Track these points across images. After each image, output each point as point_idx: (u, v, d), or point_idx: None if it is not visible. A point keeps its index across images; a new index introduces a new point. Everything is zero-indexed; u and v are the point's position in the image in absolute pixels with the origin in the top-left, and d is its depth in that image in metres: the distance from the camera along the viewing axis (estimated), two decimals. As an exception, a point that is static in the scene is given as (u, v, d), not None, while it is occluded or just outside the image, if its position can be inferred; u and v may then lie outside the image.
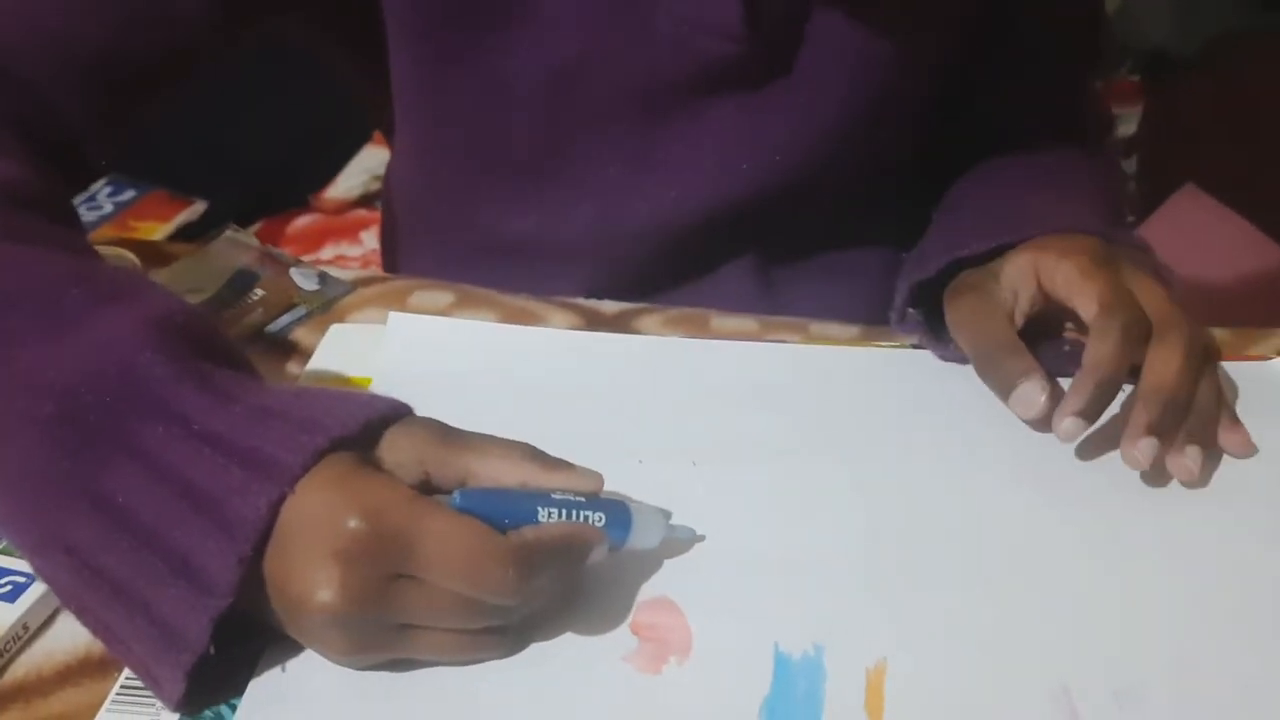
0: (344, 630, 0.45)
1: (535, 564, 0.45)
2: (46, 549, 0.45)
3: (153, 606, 0.44)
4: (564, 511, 0.48)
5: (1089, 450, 0.60)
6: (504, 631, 0.48)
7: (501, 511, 0.46)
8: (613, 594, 0.51)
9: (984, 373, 0.63)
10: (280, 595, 0.45)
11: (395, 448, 0.48)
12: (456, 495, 0.46)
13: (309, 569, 0.43)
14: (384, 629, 0.46)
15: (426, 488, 0.48)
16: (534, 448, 0.50)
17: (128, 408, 0.45)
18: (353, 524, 0.43)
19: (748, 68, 0.71)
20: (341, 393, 0.49)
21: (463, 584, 0.44)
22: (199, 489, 0.44)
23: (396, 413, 0.49)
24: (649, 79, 0.71)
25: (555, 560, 0.47)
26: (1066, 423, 0.57)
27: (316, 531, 0.43)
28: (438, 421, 0.50)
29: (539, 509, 0.47)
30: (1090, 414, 0.57)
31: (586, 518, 0.49)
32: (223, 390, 0.47)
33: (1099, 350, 0.57)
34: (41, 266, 0.51)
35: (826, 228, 0.79)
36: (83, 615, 0.46)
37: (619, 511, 0.50)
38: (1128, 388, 0.59)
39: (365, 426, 0.47)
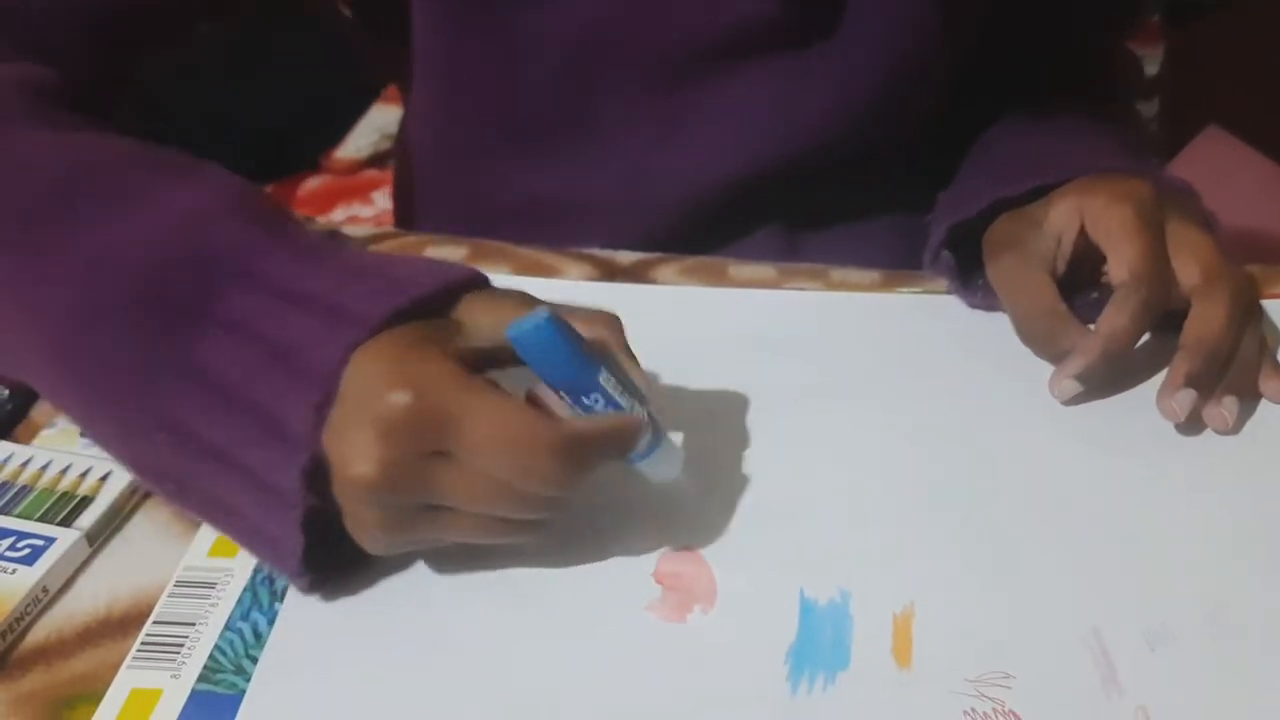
0: (377, 506, 0.44)
1: (584, 458, 0.44)
2: (142, 432, 0.45)
3: (255, 470, 0.44)
4: (608, 403, 0.46)
5: (1118, 395, 0.59)
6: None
7: (551, 368, 0.45)
8: (635, 543, 0.51)
9: (1031, 341, 0.62)
10: (329, 459, 0.44)
11: (473, 309, 0.47)
12: (511, 327, 0.44)
13: (350, 437, 0.43)
14: (417, 508, 0.45)
15: (505, 351, 0.46)
16: (619, 321, 0.49)
17: (215, 278, 0.45)
18: (395, 397, 0.42)
19: (783, 31, 0.69)
20: (421, 259, 0.49)
21: (506, 470, 0.43)
22: (286, 347, 0.44)
23: (474, 280, 0.48)
24: (680, 41, 0.69)
25: (602, 457, 0.45)
26: (1065, 384, 0.58)
27: (363, 400, 0.43)
28: (520, 290, 0.49)
29: (583, 397, 0.45)
30: (1089, 379, 0.57)
31: (632, 407, 0.47)
32: (307, 253, 0.47)
33: (1113, 322, 0.57)
34: (94, 151, 0.51)
35: (853, 193, 0.78)
36: (183, 496, 0.46)
37: (654, 424, 0.49)
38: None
39: (446, 288, 0.47)
